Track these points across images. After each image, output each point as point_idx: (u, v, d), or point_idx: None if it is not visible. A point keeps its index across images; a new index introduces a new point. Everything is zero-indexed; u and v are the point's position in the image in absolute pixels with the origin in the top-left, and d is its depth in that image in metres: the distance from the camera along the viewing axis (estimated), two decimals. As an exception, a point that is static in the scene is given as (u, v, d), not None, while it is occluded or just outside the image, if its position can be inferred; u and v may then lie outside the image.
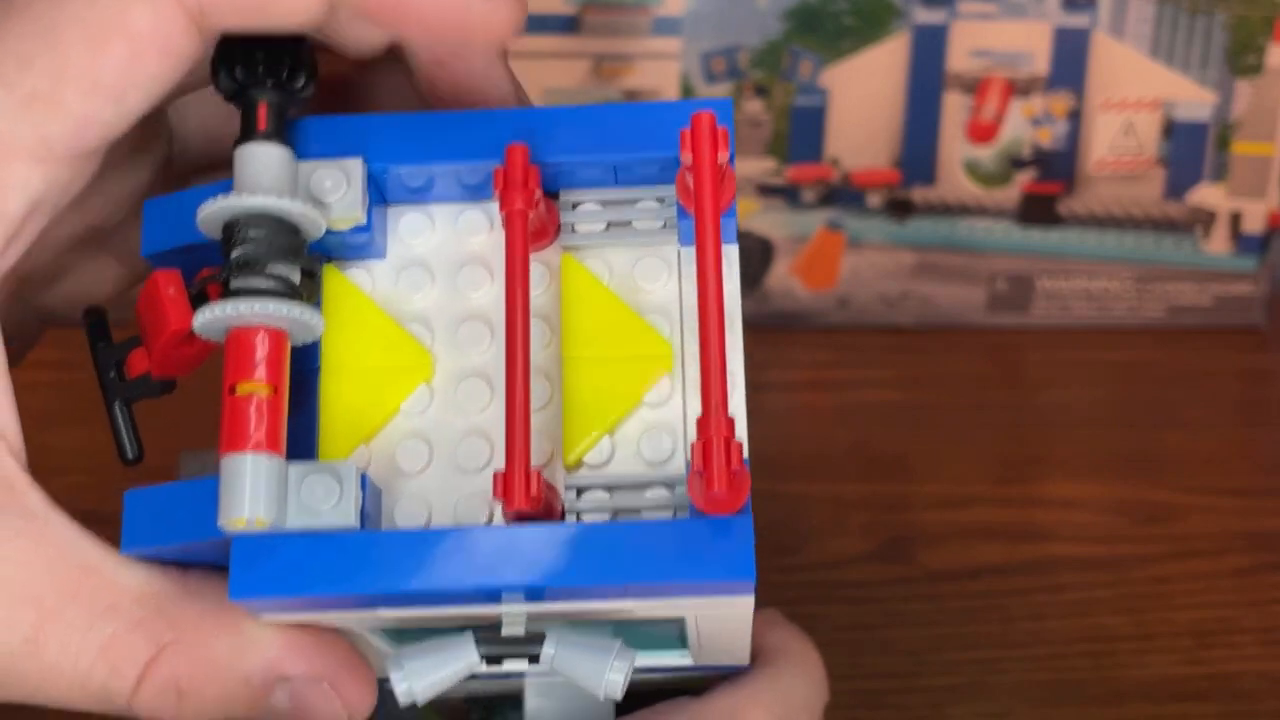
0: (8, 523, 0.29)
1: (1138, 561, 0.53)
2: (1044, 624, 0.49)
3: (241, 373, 0.27)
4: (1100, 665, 0.47)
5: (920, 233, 0.72)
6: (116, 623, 0.28)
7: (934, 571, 0.52)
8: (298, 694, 0.28)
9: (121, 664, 0.27)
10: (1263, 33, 0.69)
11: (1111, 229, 0.73)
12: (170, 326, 0.29)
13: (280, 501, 0.26)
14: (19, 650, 0.27)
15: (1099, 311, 0.76)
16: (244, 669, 0.28)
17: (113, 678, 0.27)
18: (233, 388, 0.27)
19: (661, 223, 0.29)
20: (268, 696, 0.28)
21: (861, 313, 0.73)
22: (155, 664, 0.28)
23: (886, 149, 0.71)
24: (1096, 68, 0.70)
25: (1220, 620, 0.49)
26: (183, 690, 0.27)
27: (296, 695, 0.28)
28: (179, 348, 0.30)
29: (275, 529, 0.26)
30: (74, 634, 0.27)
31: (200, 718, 0.28)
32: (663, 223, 0.29)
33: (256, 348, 0.27)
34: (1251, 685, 0.46)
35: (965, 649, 0.48)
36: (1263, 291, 0.74)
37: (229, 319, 0.27)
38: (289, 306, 0.27)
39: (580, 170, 0.29)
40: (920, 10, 0.69)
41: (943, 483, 0.59)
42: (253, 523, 0.26)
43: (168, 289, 0.29)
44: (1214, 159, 0.72)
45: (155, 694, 0.27)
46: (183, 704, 0.28)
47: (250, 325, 0.27)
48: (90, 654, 0.27)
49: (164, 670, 0.27)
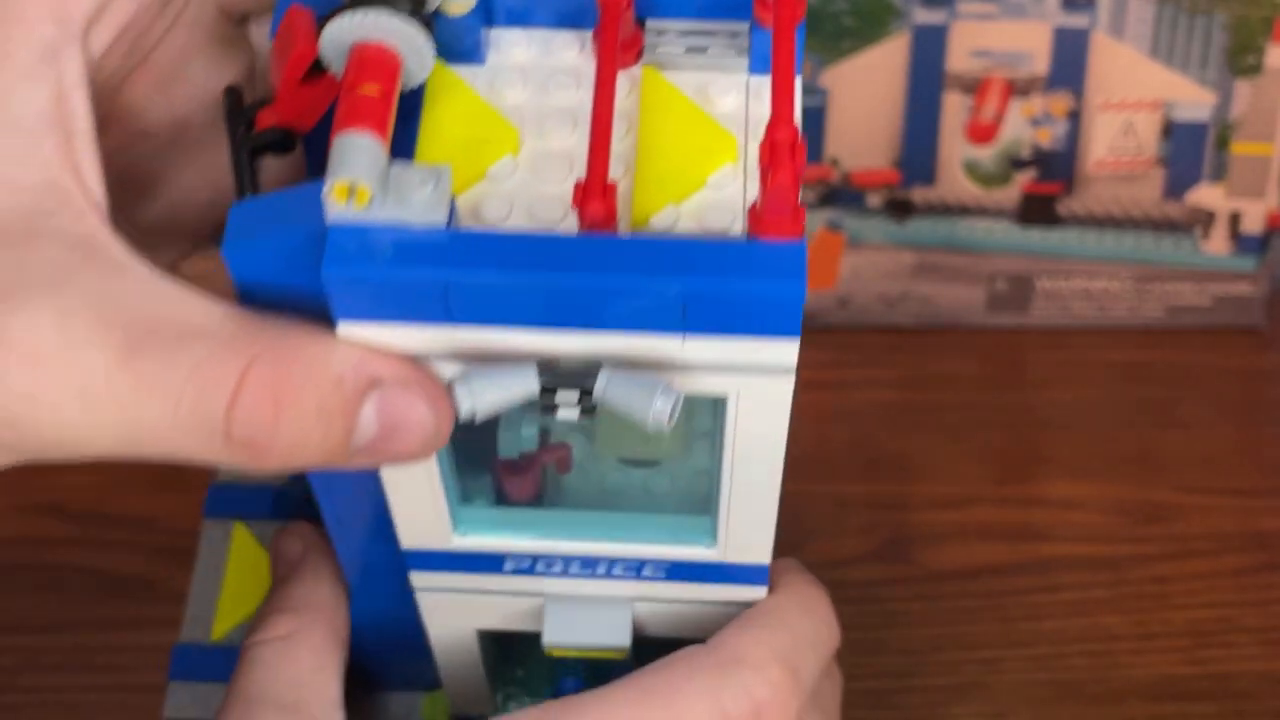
0: (93, 269, 0.28)
1: (1137, 561, 0.53)
2: (1043, 624, 0.49)
3: (360, 77, 0.28)
4: (1099, 665, 0.47)
5: (920, 233, 0.72)
6: (206, 343, 0.27)
7: (933, 571, 0.52)
8: (386, 402, 0.28)
9: (214, 379, 0.27)
10: (1262, 33, 0.69)
11: (1111, 229, 0.73)
12: (298, 49, 0.30)
13: (381, 181, 0.27)
14: (108, 373, 0.26)
15: (1098, 312, 0.76)
16: (335, 370, 0.27)
17: (206, 395, 0.27)
18: (350, 88, 0.28)
19: (736, 51, 0.31)
20: (360, 405, 0.27)
21: (861, 313, 0.73)
22: (249, 374, 0.27)
23: (886, 149, 0.71)
24: (1096, 68, 0.70)
25: (1219, 620, 0.49)
26: (278, 399, 0.27)
27: (385, 403, 0.28)
28: (304, 88, 0.31)
29: (369, 220, 0.27)
30: (163, 355, 0.27)
31: (296, 432, 0.27)
32: (736, 51, 0.31)
33: (375, 60, 0.28)
34: (1250, 685, 0.46)
35: (965, 648, 0.48)
36: (1262, 291, 0.74)
37: (354, 29, 0.28)
38: (408, 24, 0.28)
39: (666, 1, 0.32)
40: (920, 10, 0.69)
41: (942, 483, 0.59)
42: (355, 191, 0.26)
43: (300, 18, 0.30)
44: (1213, 159, 0.72)
45: (251, 406, 0.27)
46: (279, 416, 0.27)
47: (371, 40, 0.28)
48: (181, 374, 0.27)
49: (258, 378, 0.27)
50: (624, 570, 0.34)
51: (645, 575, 0.34)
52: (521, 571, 0.34)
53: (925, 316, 0.74)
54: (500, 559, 0.34)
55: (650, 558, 0.34)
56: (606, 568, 0.34)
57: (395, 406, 0.28)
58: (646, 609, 0.35)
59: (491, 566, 0.34)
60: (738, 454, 0.31)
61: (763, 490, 0.32)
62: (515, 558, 0.34)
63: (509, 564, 0.34)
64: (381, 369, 0.28)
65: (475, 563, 0.34)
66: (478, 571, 0.34)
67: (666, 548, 0.33)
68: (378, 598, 0.37)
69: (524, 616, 0.36)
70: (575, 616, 0.34)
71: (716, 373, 0.29)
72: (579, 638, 0.35)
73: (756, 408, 0.30)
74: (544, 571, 0.34)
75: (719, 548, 0.33)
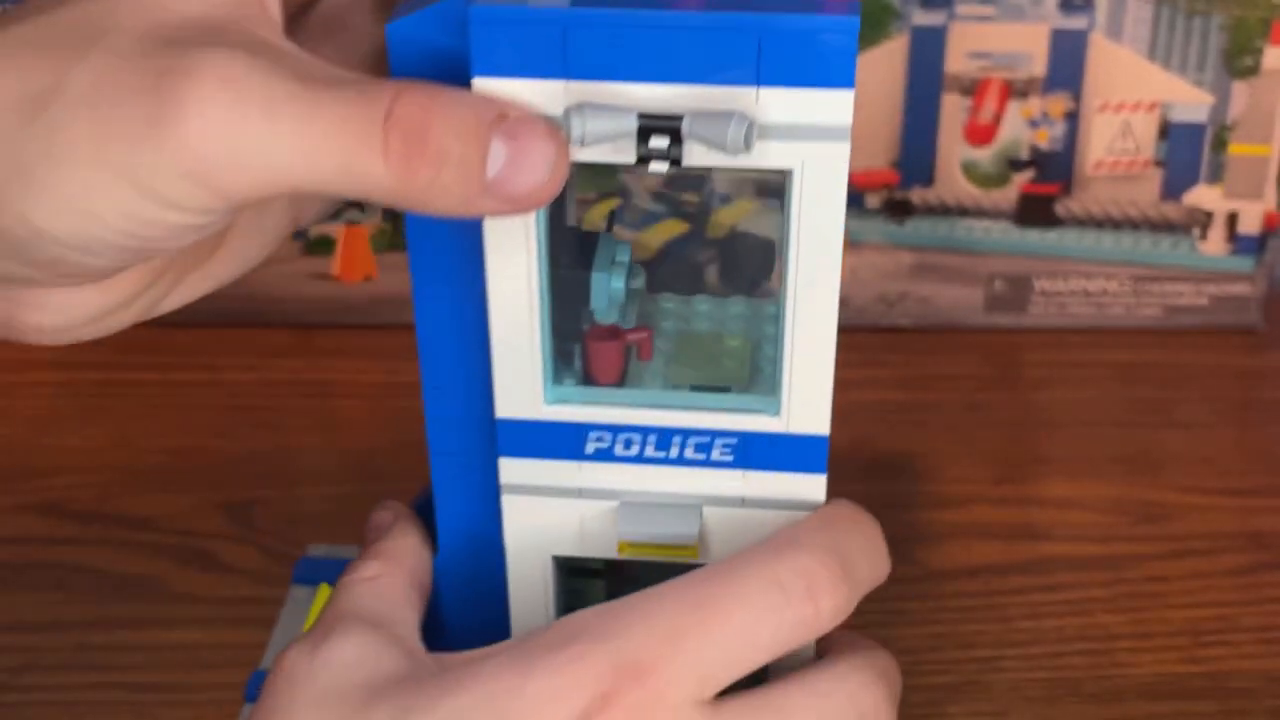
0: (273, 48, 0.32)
1: (1135, 561, 0.53)
2: (1042, 623, 0.49)
3: None
4: (1098, 664, 0.47)
5: (919, 233, 0.73)
6: (352, 86, 0.31)
7: (932, 570, 0.52)
8: (513, 129, 0.31)
9: (375, 96, 0.30)
10: (1259, 34, 0.69)
11: (1109, 230, 0.73)
12: None
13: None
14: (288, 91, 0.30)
15: (1096, 312, 0.76)
16: (470, 102, 0.31)
17: (368, 104, 0.30)
18: None
19: None
20: (491, 134, 0.31)
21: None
22: (402, 92, 0.30)
23: (885, 150, 0.72)
24: (1094, 69, 0.70)
25: (1217, 619, 0.50)
26: (426, 112, 0.30)
27: (511, 130, 0.31)
28: None
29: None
30: (332, 82, 0.31)
31: (440, 147, 0.30)
32: None
33: None
34: (1248, 684, 0.47)
35: (963, 648, 0.48)
36: (1259, 292, 0.74)
37: None
38: None
39: None
40: (919, 12, 0.69)
41: (941, 482, 0.59)
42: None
43: None
44: (1211, 160, 0.72)
45: (405, 115, 0.30)
46: (428, 126, 0.30)
47: None
48: (348, 93, 0.30)
49: (410, 97, 0.30)
50: (695, 451, 0.36)
51: (715, 460, 0.37)
52: (600, 456, 0.37)
53: (924, 317, 0.74)
54: (583, 438, 0.36)
55: (720, 429, 0.36)
56: (679, 448, 0.36)
57: (520, 133, 0.31)
58: (713, 518, 0.37)
59: (574, 449, 0.37)
60: (801, 254, 0.35)
61: (822, 313, 0.35)
62: (597, 434, 0.36)
63: (590, 444, 0.37)
64: (507, 107, 0.31)
65: (559, 443, 0.37)
66: (561, 457, 0.37)
67: (736, 417, 0.36)
68: (463, 518, 0.40)
69: (598, 538, 0.38)
70: (647, 513, 0.37)
71: (784, 139, 0.32)
72: (651, 528, 0.37)
73: (817, 182, 0.33)
74: (622, 455, 0.37)
75: (782, 416, 0.36)
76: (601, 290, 0.36)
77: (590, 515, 0.37)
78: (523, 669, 0.33)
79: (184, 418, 0.64)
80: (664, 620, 0.33)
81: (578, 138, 0.32)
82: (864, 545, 0.35)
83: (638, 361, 0.38)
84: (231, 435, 0.62)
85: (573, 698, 0.32)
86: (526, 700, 0.32)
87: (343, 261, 0.73)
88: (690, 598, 0.33)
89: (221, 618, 0.48)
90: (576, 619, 0.34)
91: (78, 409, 0.64)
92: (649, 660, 0.32)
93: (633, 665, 0.32)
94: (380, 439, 0.62)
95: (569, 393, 0.37)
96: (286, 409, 0.65)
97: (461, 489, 0.40)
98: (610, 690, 0.32)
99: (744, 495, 0.37)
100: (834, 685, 0.34)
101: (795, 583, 0.33)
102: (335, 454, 0.60)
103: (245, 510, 0.55)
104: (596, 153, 0.33)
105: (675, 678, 0.32)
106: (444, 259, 0.37)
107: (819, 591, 0.33)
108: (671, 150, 0.32)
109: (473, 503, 0.40)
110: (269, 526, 0.54)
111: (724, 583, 0.33)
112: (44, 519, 0.55)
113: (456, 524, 0.41)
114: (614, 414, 0.36)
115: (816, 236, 0.35)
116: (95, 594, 0.49)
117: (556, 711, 0.32)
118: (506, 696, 0.32)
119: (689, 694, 0.32)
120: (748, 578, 0.34)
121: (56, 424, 0.63)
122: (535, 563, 0.39)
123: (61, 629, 0.47)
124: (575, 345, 0.37)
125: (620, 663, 0.32)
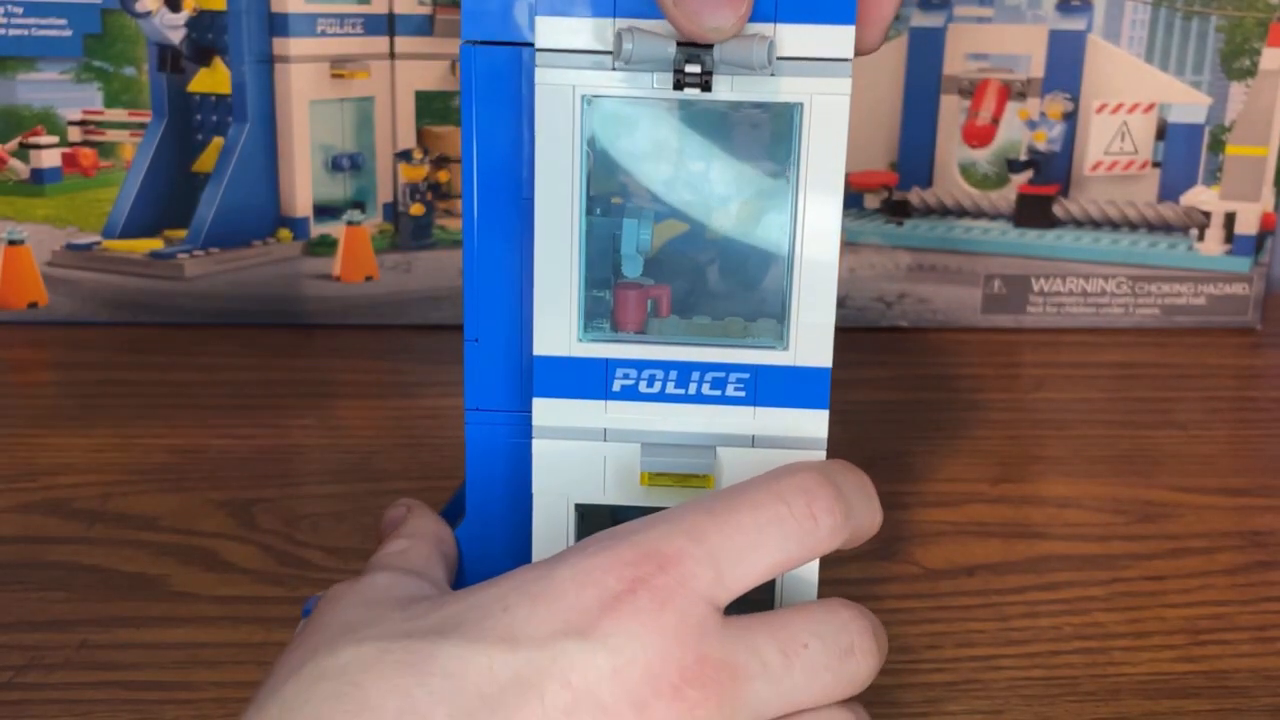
0: None
1: (1132, 560, 0.53)
2: (1040, 621, 0.49)
3: None
4: (1095, 662, 0.47)
5: (917, 234, 0.73)
6: None
7: (931, 569, 0.52)
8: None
9: None
10: (1256, 36, 0.69)
11: (1107, 230, 0.74)
12: None
13: None
14: None
15: (1094, 312, 0.76)
16: None
17: None
18: None
19: None
20: None
21: (859, 313, 0.73)
22: None
23: (884, 151, 0.72)
24: (1092, 71, 0.70)
25: (1214, 618, 0.50)
26: None
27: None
28: None
29: None
30: None
31: None
32: None
33: None
34: (1245, 682, 0.47)
35: (961, 646, 0.48)
36: (1257, 292, 0.74)
37: None
38: None
39: None
40: (917, 14, 0.69)
41: (939, 482, 0.59)
42: None
43: None
44: (1208, 161, 0.72)
45: None
46: None
47: None
48: None
49: None
50: (711, 387, 0.41)
51: (729, 396, 0.41)
52: (625, 394, 0.41)
53: (922, 317, 0.75)
54: (610, 375, 0.40)
55: (734, 363, 0.40)
56: (697, 385, 0.41)
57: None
58: (726, 457, 0.41)
59: (601, 388, 0.41)
60: (808, 189, 0.38)
61: (825, 250, 0.39)
62: (623, 370, 0.40)
63: (616, 381, 0.40)
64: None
65: (588, 381, 0.40)
66: (589, 396, 0.40)
67: (748, 352, 0.40)
68: (493, 485, 0.44)
69: (621, 482, 0.41)
70: (668, 450, 0.40)
71: (796, 74, 0.37)
72: (672, 458, 0.40)
73: (824, 118, 0.38)
74: (645, 393, 0.41)
75: (790, 350, 0.40)
76: (631, 236, 0.40)
77: (614, 456, 0.41)
78: (548, 564, 0.36)
79: (185, 417, 0.64)
80: (684, 521, 0.36)
81: (626, 54, 0.37)
82: (858, 485, 0.38)
83: (657, 318, 0.42)
84: (233, 435, 0.62)
85: (602, 581, 0.34)
86: (554, 582, 0.35)
87: (343, 262, 0.73)
88: (705, 505, 0.36)
89: (223, 617, 0.48)
90: (598, 534, 0.36)
91: (80, 409, 0.65)
92: (672, 551, 0.35)
93: (657, 554, 0.35)
94: (380, 439, 0.62)
95: (599, 335, 0.41)
96: (287, 409, 0.65)
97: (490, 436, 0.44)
98: (637, 576, 0.35)
99: (755, 433, 0.41)
100: (829, 614, 0.37)
101: (796, 498, 0.37)
102: (335, 454, 0.61)
103: (246, 510, 0.55)
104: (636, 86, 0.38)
105: (696, 568, 0.35)
106: (500, 212, 0.42)
107: (817, 507, 0.37)
108: (705, 74, 0.37)
109: (501, 474, 0.44)
110: (270, 526, 0.54)
111: (733, 494, 0.37)
112: (46, 518, 0.55)
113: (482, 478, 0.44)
114: (638, 351, 0.40)
115: (821, 172, 0.39)
116: (97, 593, 0.50)
117: (585, 594, 0.34)
118: (535, 582, 0.35)
119: (708, 585, 0.35)
120: (755, 491, 0.37)
121: (58, 424, 0.63)
122: (560, 509, 0.41)
123: (63, 628, 0.48)
124: (605, 293, 0.41)
125: (646, 552, 0.35)
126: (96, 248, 0.73)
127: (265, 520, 0.55)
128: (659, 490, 0.41)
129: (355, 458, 0.60)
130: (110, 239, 0.73)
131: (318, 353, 0.70)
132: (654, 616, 0.34)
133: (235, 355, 0.69)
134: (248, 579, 0.51)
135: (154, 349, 0.72)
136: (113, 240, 0.73)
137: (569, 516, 0.41)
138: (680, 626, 0.34)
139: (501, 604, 0.35)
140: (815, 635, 0.36)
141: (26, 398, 0.67)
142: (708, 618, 0.35)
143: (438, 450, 0.60)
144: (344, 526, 0.55)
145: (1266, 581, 0.53)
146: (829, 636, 0.36)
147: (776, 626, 0.36)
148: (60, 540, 0.53)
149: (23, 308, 0.74)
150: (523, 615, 0.34)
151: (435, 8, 0.70)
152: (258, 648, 0.47)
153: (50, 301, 0.74)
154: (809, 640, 0.36)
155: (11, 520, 0.55)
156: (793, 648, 0.36)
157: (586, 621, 0.34)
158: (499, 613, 0.34)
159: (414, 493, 0.57)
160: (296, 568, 0.52)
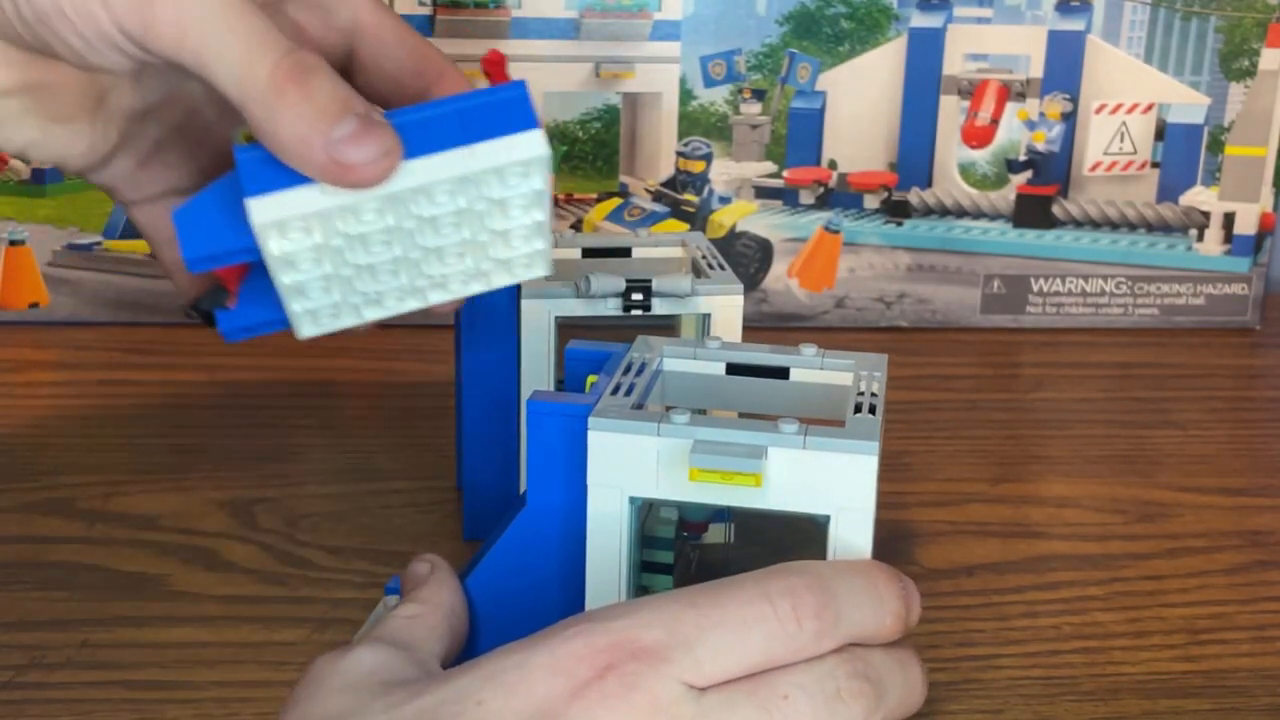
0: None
1: (1132, 559, 0.53)
2: (1039, 621, 0.49)
3: None
4: (1095, 662, 0.48)
5: (916, 234, 0.73)
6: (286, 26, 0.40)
7: (930, 569, 0.52)
8: (368, 121, 0.36)
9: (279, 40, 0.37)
10: (1255, 37, 0.70)
11: (1106, 231, 0.74)
12: None
13: None
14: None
15: (1093, 312, 0.76)
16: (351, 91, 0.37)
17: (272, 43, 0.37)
18: None
19: None
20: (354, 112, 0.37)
21: (858, 313, 0.73)
22: (308, 52, 0.38)
23: (883, 152, 0.72)
24: (1091, 72, 0.71)
25: (1213, 617, 0.50)
26: (314, 71, 0.37)
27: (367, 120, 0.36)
28: None
29: None
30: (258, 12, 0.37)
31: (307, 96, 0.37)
32: None
33: None
34: (1244, 681, 0.47)
35: (961, 646, 0.48)
36: (1255, 292, 0.75)
37: None
38: None
39: None
40: (917, 14, 0.69)
41: (939, 481, 0.59)
42: None
43: None
44: (1207, 161, 0.72)
45: (298, 66, 0.37)
46: (308, 82, 0.37)
47: None
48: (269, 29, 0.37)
49: (312, 57, 0.37)
50: None
51: None
52: None
53: (921, 317, 0.75)
54: None
55: None
56: None
57: (373, 123, 0.37)
58: (776, 458, 0.40)
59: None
60: None
61: None
62: None
63: None
64: (376, 110, 0.37)
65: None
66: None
67: None
68: None
69: (671, 476, 0.41)
70: (718, 447, 0.40)
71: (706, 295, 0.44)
72: (721, 455, 0.40)
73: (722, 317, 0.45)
74: None
75: None
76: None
77: (666, 451, 0.41)
78: (526, 648, 0.36)
79: (186, 417, 0.64)
80: (665, 611, 0.36)
81: (596, 291, 0.46)
82: (863, 594, 0.38)
83: None
84: (233, 435, 0.62)
85: (574, 670, 0.35)
86: (529, 671, 0.35)
87: (343, 262, 0.73)
88: (689, 597, 0.36)
89: (224, 616, 0.48)
90: (580, 615, 0.36)
91: (81, 409, 0.65)
92: (649, 641, 0.35)
93: (632, 642, 0.35)
94: (380, 439, 0.62)
95: None
96: (287, 408, 0.65)
97: None
98: (608, 664, 0.35)
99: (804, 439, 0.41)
100: (816, 661, 0.37)
101: (782, 599, 0.37)
102: (335, 454, 0.61)
103: (247, 509, 0.55)
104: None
105: (671, 654, 0.35)
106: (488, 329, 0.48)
107: (803, 612, 0.36)
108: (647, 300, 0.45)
109: None
110: (270, 525, 0.54)
111: (720, 589, 0.37)
112: (48, 518, 0.55)
113: None
114: None
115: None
116: (98, 593, 0.50)
117: (556, 682, 0.34)
118: (511, 670, 0.35)
119: (683, 670, 0.35)
120: (742, 587, 0.37)
121: (60, 423, 0.63)
122: (614, 501, 0.42)
123: (65, 627, 0.48)
124: None
125: (620, 640, 0.35)
126: (97, 248, 0.73)
127: (266, 520, 0.55)
128: (707, 487, 0.41)
129: (355, 458, 0.60)
130: (111, 239, 0.73)
131: (318, 353, 0.70)
132: (622, 699, 0.34)
133: (235, 355, 0.69)
134: (248, 579, 0.51)
135: (154, 349, 0.72)
136: (114, 240, 0.73)
137: (623, 509, 0.42)
138: (651, 706, 0.34)
139: (475, 697, 0.35)
140: (796, 685, 0.36)
141: (27, 398, 0.67)
142: (681, 696, 0.35)
143: (438, 450, 0.60)
144: (344, 526, 0.55)
145: (1265, 581, 0.53)
146: (811, 685, 0.36)
147: (758, 683, 0.36)
148: (61, 540, 0.53)
149: (24, 308, 0.74)
150: (495, 709, 0.34)
151: (435, 8, 0.70)
152: (258, 647, 0.47)
153: (51, 301, 0.74)
154: (789, 691, 0.36)
155: (13, 520, 0.55)
156: (773, 702, 0.36)
157: (555, 710, 0.34)
158: (473, 707, 0.35)
159: (413, 492, 0.57)
160: (297, 567, 0.52)
